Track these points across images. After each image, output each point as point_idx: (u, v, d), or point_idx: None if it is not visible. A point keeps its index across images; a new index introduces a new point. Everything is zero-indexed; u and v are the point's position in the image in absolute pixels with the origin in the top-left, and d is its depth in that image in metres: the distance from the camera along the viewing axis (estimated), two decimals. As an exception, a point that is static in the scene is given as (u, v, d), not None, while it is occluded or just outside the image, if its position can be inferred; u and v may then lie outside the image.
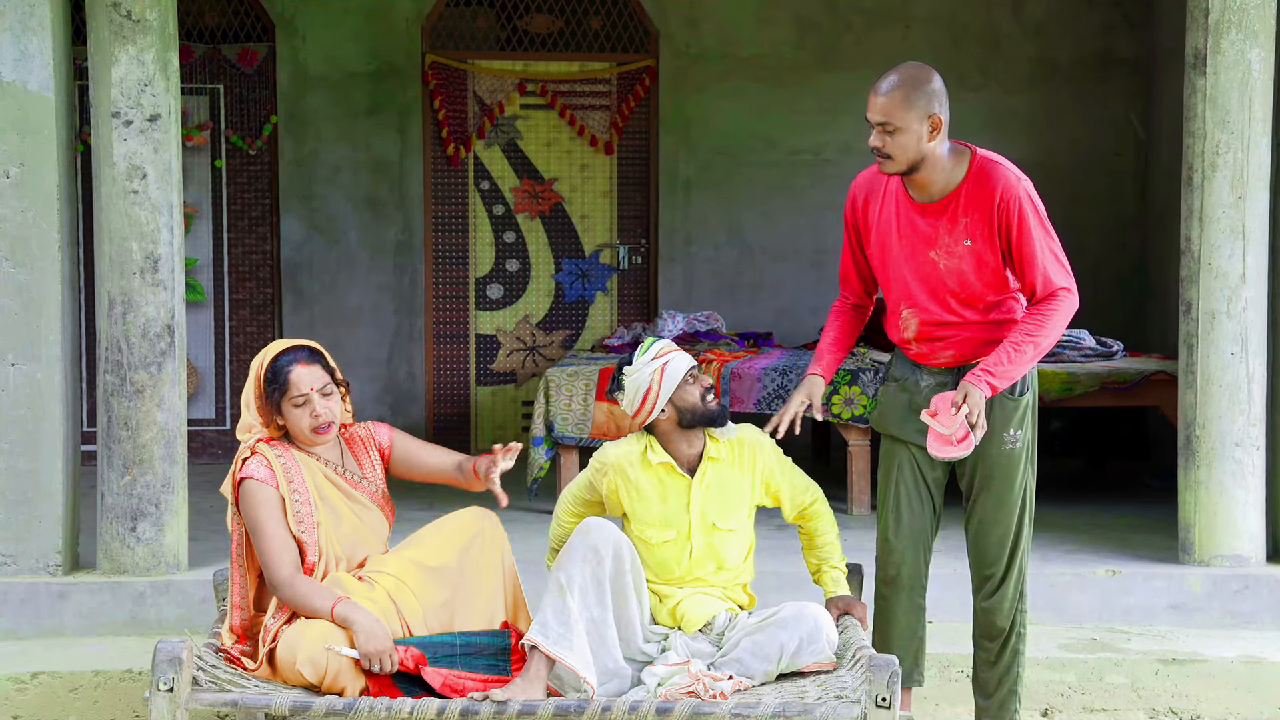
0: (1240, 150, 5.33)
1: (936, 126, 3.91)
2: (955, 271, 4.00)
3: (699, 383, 4.14)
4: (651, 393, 4.10)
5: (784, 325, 8.46)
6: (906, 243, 4.05)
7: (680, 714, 3.63)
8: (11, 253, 5.25)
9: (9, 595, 5.21)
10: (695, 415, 4.13)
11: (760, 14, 8.62)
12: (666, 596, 4.14)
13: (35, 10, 5.20)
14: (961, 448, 3.91)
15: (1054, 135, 8.36)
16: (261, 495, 3.99)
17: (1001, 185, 3.94)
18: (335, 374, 4.12)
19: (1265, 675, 4.91)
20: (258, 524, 3.98)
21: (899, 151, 3.92)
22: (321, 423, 4.05)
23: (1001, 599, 4.19)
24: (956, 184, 3.97)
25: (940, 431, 3.92)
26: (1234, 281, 5.36)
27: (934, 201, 4.01)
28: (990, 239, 3.96)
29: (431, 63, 8.46)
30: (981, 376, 3.91)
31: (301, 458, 4.09)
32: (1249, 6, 5.31)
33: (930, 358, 4.13)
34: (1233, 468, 5.39)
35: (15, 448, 5.27)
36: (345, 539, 4.08)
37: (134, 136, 5.25)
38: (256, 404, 4.09)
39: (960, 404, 3.88)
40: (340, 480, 4.12)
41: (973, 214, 3.95)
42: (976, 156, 4.00)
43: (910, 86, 3.91)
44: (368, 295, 8.57)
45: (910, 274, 4.06)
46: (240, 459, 4.05)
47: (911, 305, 4.08)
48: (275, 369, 4.04)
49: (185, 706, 3.63)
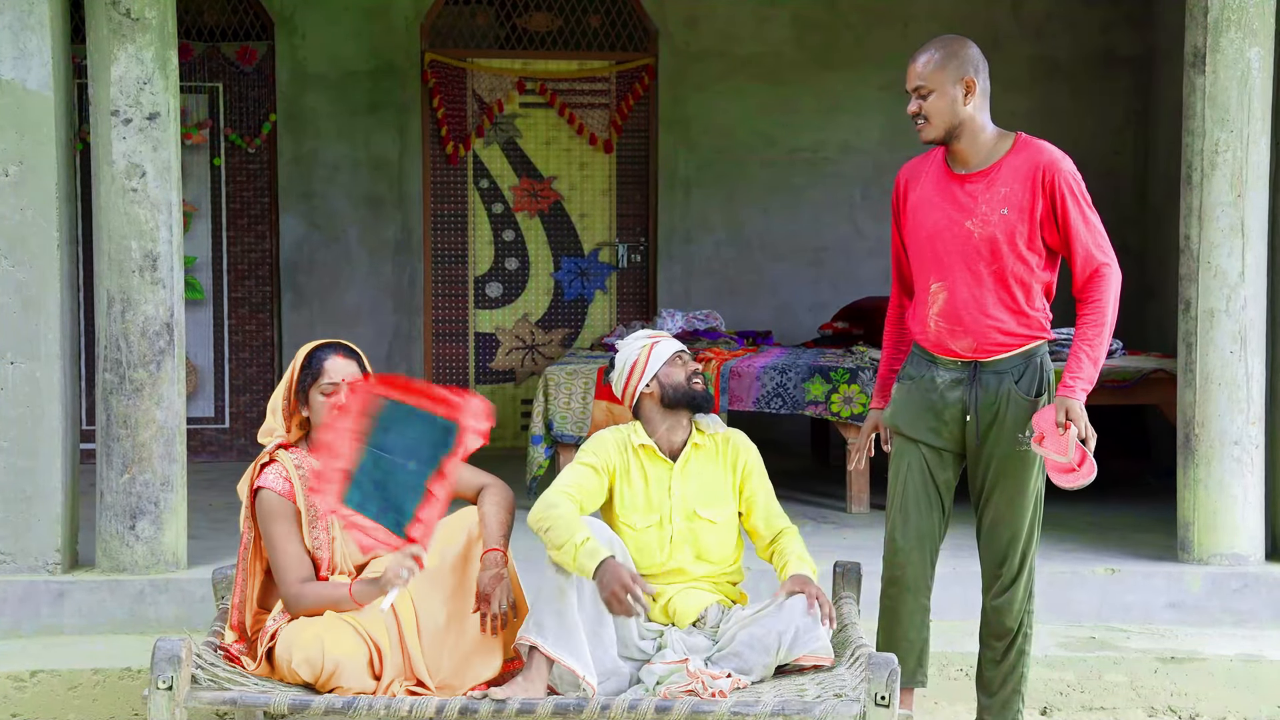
0: (1239, 148, 5.33)
1: (970, 89, 4.02)
2: (989, 240, 4.03)
3: (686, 366, 4.18)
4: (638, 367, 4.18)
5: (783, 323, 8.47)
6: (944, 214, 4.09)
7: (679, 713, 3.63)
8: (10, 251, 5.25)
9: (8, 594, 5.21)
10: (678, 393, 4.16)
11: (759, 13, 8.62)
12: (658, 595, 4.15)
13: (34, 8, 5.20)
14: (1084, 472, 3.90)
15: (1053, 134, 8.19)
16: (278, 508, 4.00)
17: (1046, 158, 4.03)
18: (368, 376, 4.16)
19: (1264, 673, 4.92)
20: (272, 537, 3.99)
21: (934, 114, 4.03)
22: None
23: (1012, 599, 4.19)
24: (999, 157, 4.06)
25: (1058, 461, 3.91)
26: (1233, 280, 5.37)
27: (974, 172, 4.07)
28: (1028, 210, 4.01)
29: (431, 61, 8.47)
30: (1074, 386, 3.95)
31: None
32: (1248, 5, 5.32)
33: (949, 344, 4.10)
34: (1232, 466, 5.40)
35: (14, 446, 5.27)
36: (355, 554, 4.08)
37: (133, 135, 5.25)
38: (284, 395, 4.10)
39: (1065, 422, 3.90)
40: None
41: (1013, 183, 4.02)
42: (1022, 136, 4.11)
43: (944, 51, 4.04)
44: (367, 294, 8.58)
45: (946, 244, 4.08)
46: (259, 464, 4.06)
47: (942, 278, 4.09)
48: (314, 356, 4.11)
49: (184, 704, 3.63)
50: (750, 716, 3.62)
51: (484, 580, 3.98)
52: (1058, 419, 3.92)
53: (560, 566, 3.89)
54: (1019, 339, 4.07)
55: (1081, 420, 3.92)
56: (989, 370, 4.08)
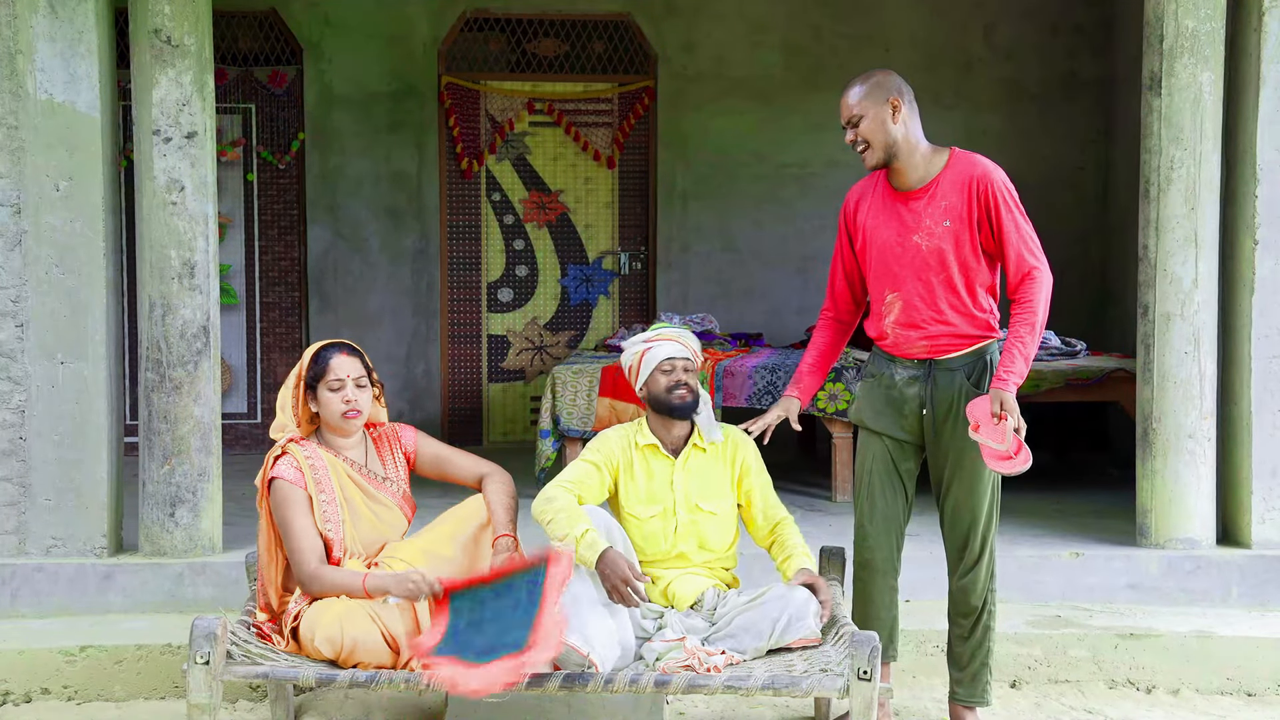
0: (1193, 165, 5.34)
1: (897, 107, 4.03)
2: (936, 251, 4.05)
3: (669, 375, 4.18)
4: (633, 371, 4.25)
5: (773, 326, 8.48)
6: (892, 231, 4.11)
7: (677, 686, 3.64)
8: (61, 260, 5.26)
9: (59, 575, 5.23)
10: (657, 403, 4.19)
11: (751, 38, 8.63)
12: (658, 579, 4.17)
13: (83, 37, 5.21)
14: (1020, 460, 3.89)
15: (1022, 151, 8.35)
16: (291, 495, 4.01)
17: (980, 170, 4.05)
18: (371, 372, 4.18)
19: (1215, 648, 4.92)
20: (286, 522, 4.00)
21: (870, 136, 4.05)
22: (351, 409, 4.09)
23: (975, 579, 4.20)
24: (936, 172, 4.07)
25: (996, 449, 3.91)
26: (1187, 286, 5.37)
27: (915, 189, 4.09)
28: (967, 219, 4.03)
29: (447, 83, 8.47)
30: (1007, 380, 3.95)
31: (329, 458, 4.11)
32: (1200, 34, 5.33)
33: (905, 347, 4.14)
34: (1186, 458, 5.40)
35: (64, 439, 5.29)
36: (365, 536, 4.10)
37: (173, 152, 5.26)
38: (293, 394, 4.12)
39: (1000, 413, 3.91)
40: (363, 480, 4.14)
41: (952, 196, 4.04)
42: (956, 151, 4.12)
43: (869, 82, 4.08)
44: (388, 298, 8.58)
45: (897, 258, 4.10)
46: (272, 457, 4.07)
47: (896, 289, 4.11)
48: (319, 356, 4.12)
49: (220, 678, 3.65)
50: (742, 689, 3.64)
51: (498, 565, 4.00)
52: (993, 409, 3.93)
53: None
54: (969, 339, 4.10)
55: (1015, 411, 3.92)
56: (943, 368, 4.11)
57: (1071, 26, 8.67)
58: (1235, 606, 5.34)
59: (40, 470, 5.28)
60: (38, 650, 4.77)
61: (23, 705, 4.71)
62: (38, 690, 4.74)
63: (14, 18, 5.19)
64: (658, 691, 3.64)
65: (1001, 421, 3.91)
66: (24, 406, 5.27)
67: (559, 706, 4.03)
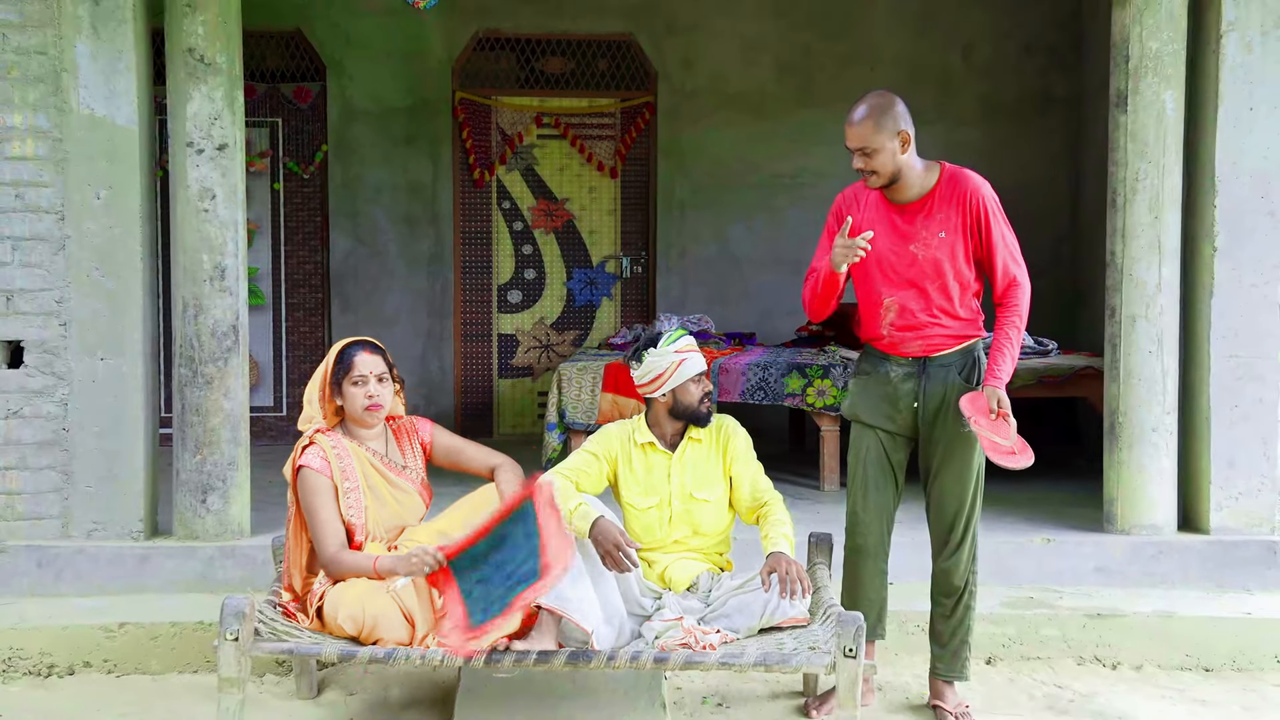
0: (1157, 177, 5.35)
1: (906, 141, 4.03)
2: (932, 261, 4.07)
3: (701, 386, 4.20)
4: (663, 377, 4.18)
5: (765, 326, 8.49)
6: (888, 240, 4.12)
7: (675, 662, 3.66)
8: (101, 263, 5.28)
9: (99, 557, 5.25)
10: (687, 411, 4.19)
11: (746, 57, 8.63)
12: (654, 563, 4.19)
13: (122, 56, 5.23)
14: (1025, 457, 3.91)
15: (999, 163, 8.31)
16: (317, 484, 4.02)
17: (971, 185, 4.07)
18: (392, 369, 4.20)
19: (1176, 628, 4.94)
20: (312, 509, 4.02)
21: (880, 167, 4.04)
22: (374, 403, 4.11)
23: (958, 561, 4.22)
24: (930, 187, 4.09)
25: (1000, 444, 3.92)
26: (1151, 290, 5.39)
27: (911, 202, 4.10)
28: (960, 229, 4.05)
29: (460, 99, 8.48)
30: (1000, 379, 4.00)
31: (353, 448, 4.13)
32: (1164, 54, 5.34)
33: (901, 347, 4.16)
34: (1150, 450, 5.42)
35: (104, 430, 5.30)
36: (386, 520, 4.12)
37: (205, 163, 5.28)
38: (320, 388, 4.14)
39: (1000, 411, 3.94)
40: (385, 469, 4.15)
41: (946, 210, 4.06)
42: (946, 167, 4.13)
43: (878, 113, 4.03)
44: (404, 300, 8.59)
45: (894, 266, 4.12)
46: (300, 447, 4.08)
47: (894, 293, 4.13)
48: (344, 353, 4.13)
49: (249, 654, 3.66)
50: (736, 666, 3.65)
51: (485, 519, 4.01)
52: (991, 407, 3.95)
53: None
54: (959, 338, 4.14)
55: (1007, 406, 3.96)
56: (935, 365, 4.13)
57: (1045, 47, 8.67)
58: (1194, 588, 5.35)
59: (82, 459, 5.29)
60: (80, 626, 4.80)
61: (66, 677, 4.73)
62: (80, 663, 4.77)
63: (59, 38, 5.20)
64: (657, 667, 3.66)
65: (1001, 418, 3.93)
66: (67, 400, 5.28)
67: (564, 681, 4.05)
